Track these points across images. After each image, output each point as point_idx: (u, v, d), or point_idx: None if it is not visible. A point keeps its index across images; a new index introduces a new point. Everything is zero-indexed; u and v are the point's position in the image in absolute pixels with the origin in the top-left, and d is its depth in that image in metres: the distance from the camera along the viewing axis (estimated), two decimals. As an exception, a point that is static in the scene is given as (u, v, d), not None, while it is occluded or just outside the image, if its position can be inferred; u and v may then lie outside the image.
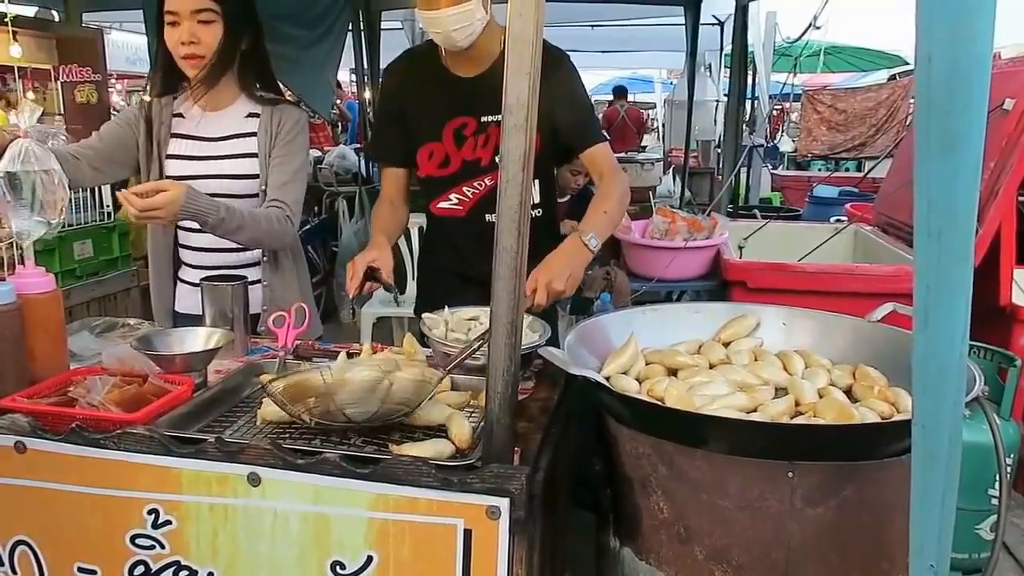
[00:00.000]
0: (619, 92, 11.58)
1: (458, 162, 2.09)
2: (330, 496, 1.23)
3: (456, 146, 2.08)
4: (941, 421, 0.94)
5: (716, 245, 3.45)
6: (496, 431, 1.22)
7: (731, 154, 5.03)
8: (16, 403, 1.38)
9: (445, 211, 2.15)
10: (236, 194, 2.03)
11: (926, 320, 0.90)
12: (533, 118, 1.12)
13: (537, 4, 1.07)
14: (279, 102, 2.11)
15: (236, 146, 2.06)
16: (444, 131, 2.07)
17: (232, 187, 2.04)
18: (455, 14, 1.82)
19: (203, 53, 1.95)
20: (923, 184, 0.86)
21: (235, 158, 2.06)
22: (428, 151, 2.11)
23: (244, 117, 2.09)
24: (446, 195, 2.14)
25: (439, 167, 2.11)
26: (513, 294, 1.17)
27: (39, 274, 1.51)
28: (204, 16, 1.93)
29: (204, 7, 1.92)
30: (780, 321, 1.73)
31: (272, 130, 2.06)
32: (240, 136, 2.07)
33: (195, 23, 1.92)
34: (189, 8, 1.91)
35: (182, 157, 2.07)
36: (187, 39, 1.93)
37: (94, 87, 5.76)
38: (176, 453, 1.27)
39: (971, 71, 0.81)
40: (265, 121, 2.06)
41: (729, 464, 1.24)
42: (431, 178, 2.14)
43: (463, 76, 2.05)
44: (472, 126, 2.05)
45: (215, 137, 2.07)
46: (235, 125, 2.08)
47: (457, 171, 2.10)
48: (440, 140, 2.08)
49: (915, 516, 0.99)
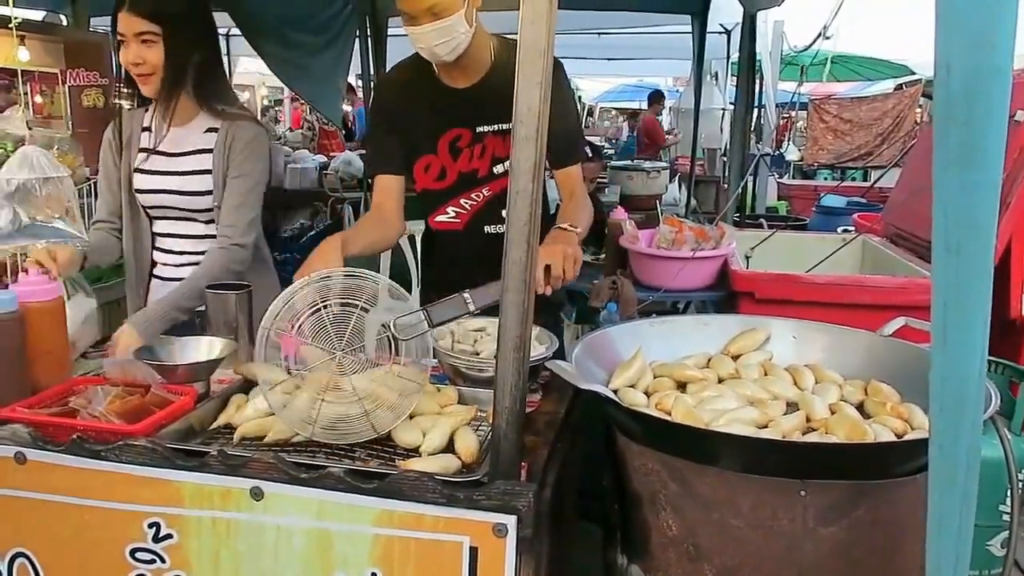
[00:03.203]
0: (657, 98, 11.05)
1: (454, 174, 2.09)
2: (334, 511, 1.21)
3: (452, 158, 2.08)
4: (959, 441, 0.91)
5: (723, 255, 3.42)
6: (504, 446, 1.20)
7: (738, 163, 5.00)
8: (17, 413, 1.37)
9: (443, 225, 2.15)
10: (196, 208, 2.10)
11: (944, 337, 0.88)
12: (544, 128, 1.11)
13: (550, 12, 1.05)
14: (238, 117, 2.14)
15: (195, 162, 2.11)
16: (439, 143, 2.07)
17: (193, 203, 2.10)
18: (435, 29, 1.82)
19: (149, 71, 2.01)
20: (941, 197, 0.84)
21: (194, 174, 2.10)
22: (424, 164, 2.10)
23: (203, 132, 2.13)
24: (443, 208, 2.14)
25: (436, 180, 2.11)
26: (522, 307, 1.15)
27: (42, 281, 1.50)
28: (146, 37, 1.98)
29: (145, 29, 1.97)
30: (791, 334, 1.71)
31: (225, 147, 2.10)
32: (199, 152, 2.12)
33: (139, 44, 1.98)
34: (133, 30, 1.98)
35: (147, 172, 2.13)
36: (132, 60, 2.00)
37: (101, 91, 5.77)
38: (178, 466, 1.25)
39: (991, 82, 0.80)
40: (221, 137, 2.10)
41: (740, 481, 1.22)
42: (428, 191, 2.13)
43: (456, 87, 2.04)
44: (467, 137, 2.05)
45: (176, 152, 2.12)
46: (195, 140, 2.12)
47: (454, 184, 2.10)
48: (436, 153, 2.08)
49: (931, 538, 0.97)
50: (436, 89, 2.05)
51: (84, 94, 5.78)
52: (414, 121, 2.08)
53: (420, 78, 2.06)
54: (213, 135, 2.11)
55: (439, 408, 1.50)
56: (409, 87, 2.10)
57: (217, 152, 2.09)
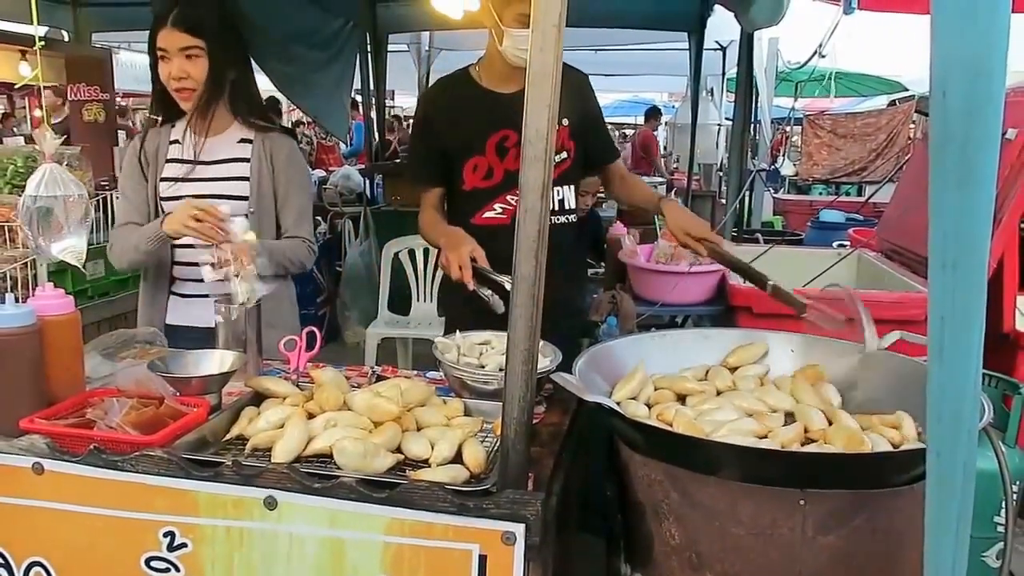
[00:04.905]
0: (653, 113, 11.38)
1: (501, 173, 2.24)
2: (346, 520, 1.24)
3: (499, 158, 2.22)
4: (956, 451, 0.94)
5: (721, 270, 3.46)
6: (512, 457, 1.23)
7: (736, 179, 5.04)
8: (35, 425, 1.39)
9: (491, 220, 2.26)
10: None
11: (941, 350, 0.91)
12: (551, 150, 1.15)
13: (557, 40, 1.10)
14: (270, 129, 2.22)
15: (229, 170, 2.18)
16: (487, 144, 2.21)
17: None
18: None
19: (192, 87, 2.08)
20: (938, 215, 0.88)
21: (226, 180, 2.17)
22: (473, 164, 2.24)
23: (236, 142, 2.20)
24: (491, 205, 2.26)
25: (483, 179, 2.25)
26: (530, 321, 1.18)
27: (58, 296, 1.52)
28: (191, 52, 2.05)
29: (191, 44, 2.05)
30: (789, 347, 1.75)
31: (266, 157, 2.18)
32: (233, 161, 2.19)
33: (183, 59, 2.05)
34: (177, 46, 2.04)
35: (173, 179, 2.18)
36: (177, 75, 2.06)
37: (102, 106, 5.81)
38: (194, 476, 1.28)
39: (985, 106, 0.84)
40: (258, 147, 2.19)
41: (741, 491, 1.25)
42: (476, 190, 2.26)
43: (502, 92, 2.21)
44: (514, 138, 2.15)
45: (208, 160, 2.18)
46: (228, 150, 2.19)
47: (501, 182, 2.24)
48: (484, 153, 2.22)
49: (929, 545, 1.00)
50: (483, 95, 2.25)
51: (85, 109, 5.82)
52: (463, 125, 2.25)
53: (465, 87, 2.28)
54: (247, 145, 2.19)
55: (446, 420, 1.53)
56: (456, 96, 2.30)
57: (255, 162, 2.17)
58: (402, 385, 1.59)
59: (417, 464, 1.37)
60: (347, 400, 1.52)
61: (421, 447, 1.40)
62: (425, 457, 1.39)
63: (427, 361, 2.00)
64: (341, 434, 1.36)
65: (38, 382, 1.47)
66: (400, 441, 1.41)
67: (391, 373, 1.89)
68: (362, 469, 1.28)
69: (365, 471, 1.28)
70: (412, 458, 1.39)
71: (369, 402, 1.48)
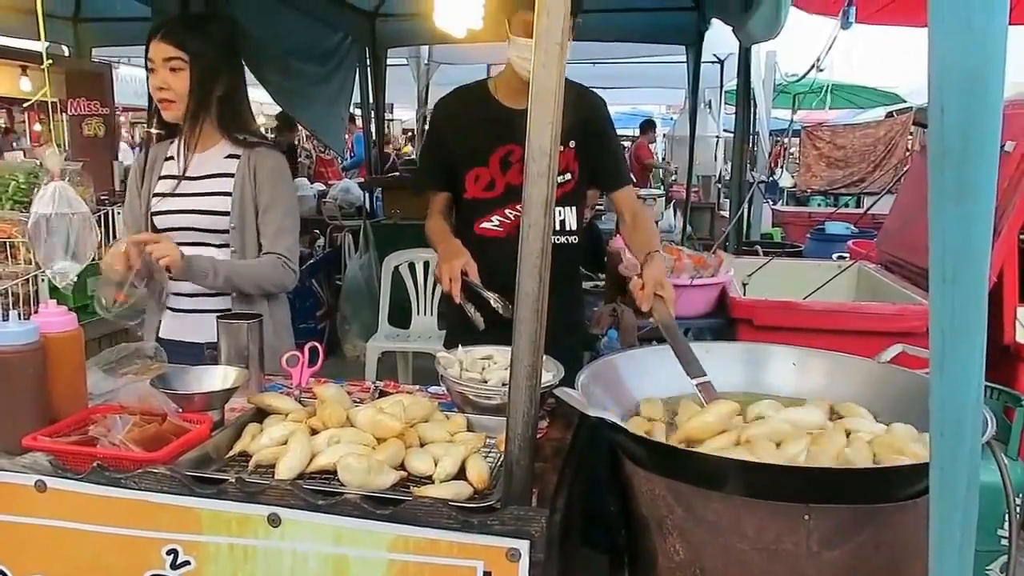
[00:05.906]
0: (648, 126, 11.46)
1: (502, 186, 2.26)
2: (350, 537, 1.24)
3: (502, 171, 2.25)
4: (959, 464, 0.95)
5: (722, 283, 3.46)
6: (516, 472, 1.23)
7: (736, 191, 5.06)
8: (38, 442, 1.39)
9: (487, 231, 2.29)
10: (210, 229, 2.15)
11: (943, 364, 0.92)
12: (555, 166, 1.15)
13: (560, 57, 1.10)
14: (257, 145, 2.23)
15: (214, 185, 2.18)
16: (491, 157, 2.24)
17: (208, 222, 2.15)
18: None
19: (173, 98, 2.10)
20: (937, 229, 0.88)
21: (209, 196, 2.17)
22: (475, 175, 2.27)
23: (224, 158, 2.21)
24: (489, 216, 2.29)
25: (484, 190, 2.28)
26: (534, 337, 1.18)
27: (61, 312, 1.52)
28: (173, 64, 2.07)
29: (173, 56, 2.07)
30: (791, 361, 1.75)
31: (250, 173, 2.17)
32: (219, 176, 2.19)
33: (167, 71, 2.08)
34: (161, 57, 2.07)
35: (163, 194, 2.20)
36: (158, 85, 2.09)
37: (102, 120, 5.84)
38: (197, 493, 1.28)
39: (983, 120, 0.84)
40: (243, 163, 2.19)
41: (745, 506, 1.25)
42: (476, 200, 2.29)
43: (513, 108, 2.21)
44: (518, 153, 2.17)
45: (196, 176, 2.19)
46: (215, 165, 2.20)
47: (501, 194, 2.27)
48: (487, 165, 2.25)
49: (933, 560, 1.00)
50: (493, 108, 2.27)
51: (85, 123, 5.84)
52: (469, 136, 2.29)
53: (479, 99, 2.31)
54: (233, 161, 2.20)
55: (449, 436, 1.53)
56: (468, 106, 2.34)
57: (239, 177, 2.17)
58: (405, 401, 1.59)
59: (421, 480, 1.37)
60: (350, 416, 1.52)
61: (425, 463, 1.40)
62: (429, 473, 1.38)
63: (428, 374, 2.00)
64: (345, 450, 1.36)
65: (41, 399, 1.47)
66: (403, 457, 1.41)
67: (393, 388, 1.89)
68: (366, 486, 1.28)
69: (369, 488, 1.28)
70: (416, 474, 1.39)
71: (372, 418, 1.48)
